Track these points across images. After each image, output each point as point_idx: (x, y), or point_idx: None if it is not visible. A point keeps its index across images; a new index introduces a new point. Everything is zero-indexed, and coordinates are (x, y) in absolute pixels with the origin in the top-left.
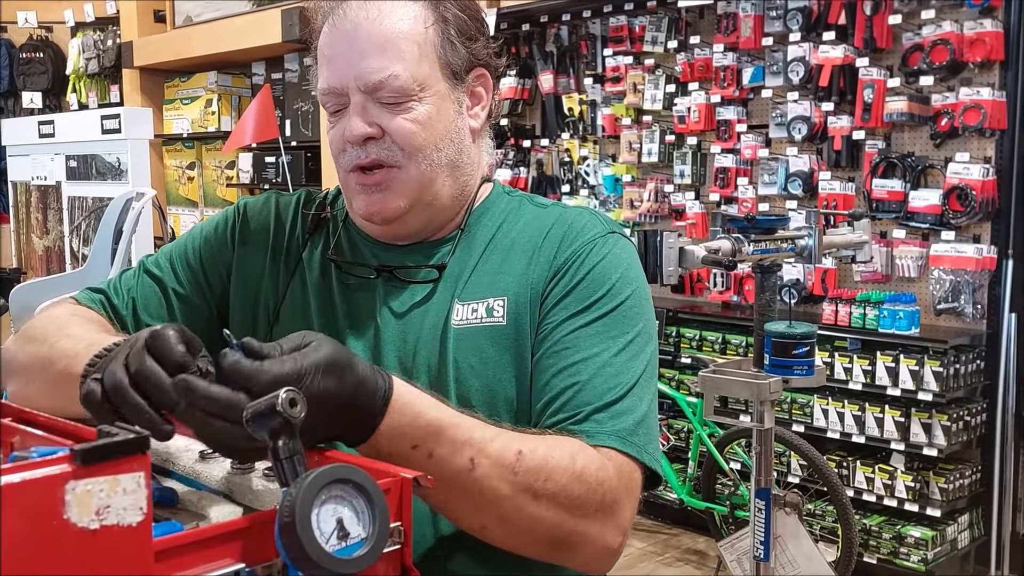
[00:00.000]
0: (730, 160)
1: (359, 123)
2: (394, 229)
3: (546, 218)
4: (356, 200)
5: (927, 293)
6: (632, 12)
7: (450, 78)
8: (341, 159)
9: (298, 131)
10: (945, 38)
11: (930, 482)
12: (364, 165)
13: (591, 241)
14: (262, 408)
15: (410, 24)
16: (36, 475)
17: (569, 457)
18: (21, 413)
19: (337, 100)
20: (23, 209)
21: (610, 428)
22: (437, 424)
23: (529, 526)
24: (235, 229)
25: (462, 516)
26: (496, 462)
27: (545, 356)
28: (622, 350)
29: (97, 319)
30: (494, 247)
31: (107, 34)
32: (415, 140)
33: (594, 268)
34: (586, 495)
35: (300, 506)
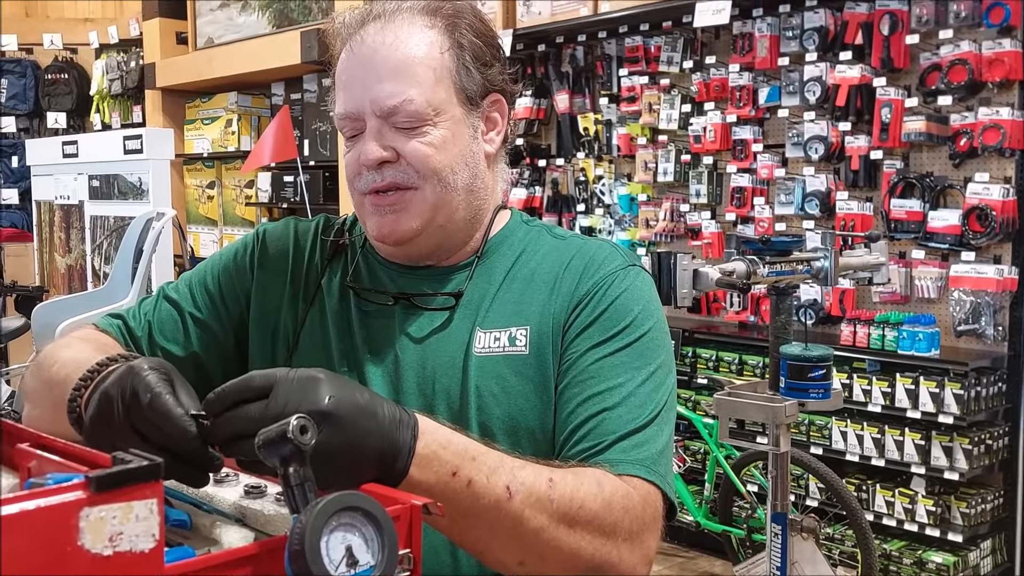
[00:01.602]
0: (746, 180)
1: (374, 147)
2: (406, 250)
3: (566, 249)
4: (370, 221)
5: (947, 314)
6: (648, 33)
7: (465, 103)
8: (357, 183)
9: (316, 151)
10: (963, 58)
11: (952, 507)
12: (380, 188)
13: (613, 273)
14: (273, 435)
15: (426, 50)
16: (51, 502)
17: (597, 485)
18: (38, 438)
19: (353, 125)
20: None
21: (634, 457)
22: (469, 450)
23: (566, 557)
24: (254, 255)
25: (501, 553)
26: (531, 490)
27: (569, 386)
28: (645, 380)
29: (103, 341)
30: (514, 276)
31: (130, 55)
32: (430, 163)
33: (616, 299)
34: (616, 523)
35: (310, 533)
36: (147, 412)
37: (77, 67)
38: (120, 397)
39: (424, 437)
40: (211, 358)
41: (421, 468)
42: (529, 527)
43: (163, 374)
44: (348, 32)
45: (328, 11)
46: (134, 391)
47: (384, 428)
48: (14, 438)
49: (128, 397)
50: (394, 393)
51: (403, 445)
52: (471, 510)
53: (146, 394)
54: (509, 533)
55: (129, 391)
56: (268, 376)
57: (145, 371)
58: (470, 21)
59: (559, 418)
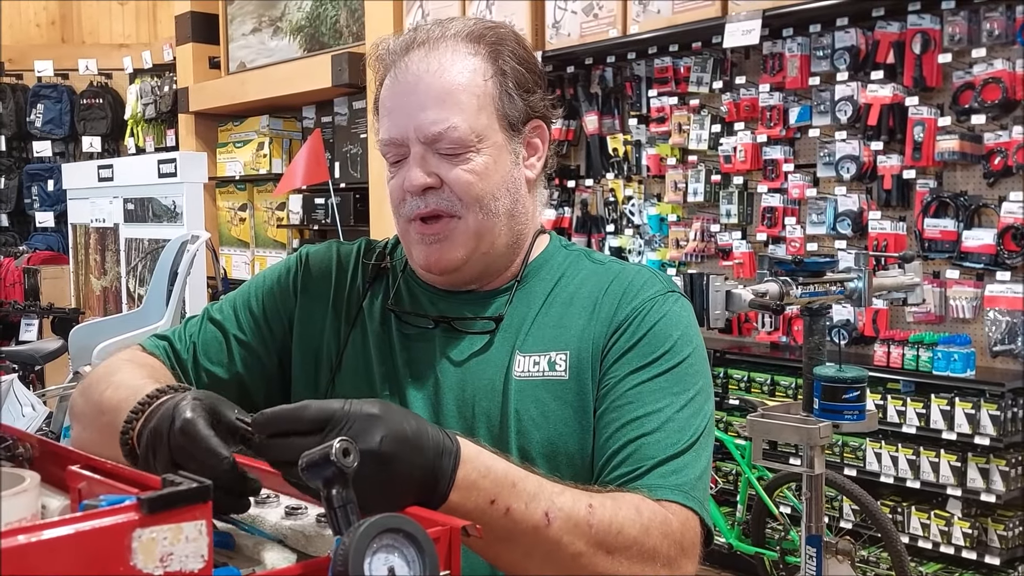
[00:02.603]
0: (777, 199)
1: (419, 173)
2: (451, 278)
3: (605, 274)
4: (416, 250)
5: (982, 334)
6: (677, 53)
7: (507, 129)
8: (401, 209)
9: (347, 173)
10: (997, 76)
11: (988, 529)
12: (424, 215)
13: (652, 299)
14: (316, 458)
15: (469, 76)
16: (105, 523)
17: (635, 510)
18: (88, 460)
19: (397, 151)
20: (82, 250)
21: (672, 482)
22: (508, 476)
23: None
24: (297, 278)
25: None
26: (569, 515)
27: (608, 411)
28: (684, 406)
29: (151, 364)
30: (553, 300)
31: (164, 80)
32: (473, 190)
33: (656, 325)
34: (655, 549)
35: (353, 555)
36: (181, 439)
37: (112, 92)
38: (167, 432)
39: (465, 466)
40: (254, 379)
41: (460, 494)
42: (567, 552)
43: (204, 405)
44: (392, 58)
45: (359, 35)
46: (172, 423)
47: (428, 460)
48: (64, 460)
49: (169, 430)
50: (434, 415)
51: (445, 473)
52: (509, 535)
53: (181, 425)
54: (546, 558)
55: (168, 424)
56: (323, 410)
57: (184, 403)
58: (512, 47)
59: (597, 443)
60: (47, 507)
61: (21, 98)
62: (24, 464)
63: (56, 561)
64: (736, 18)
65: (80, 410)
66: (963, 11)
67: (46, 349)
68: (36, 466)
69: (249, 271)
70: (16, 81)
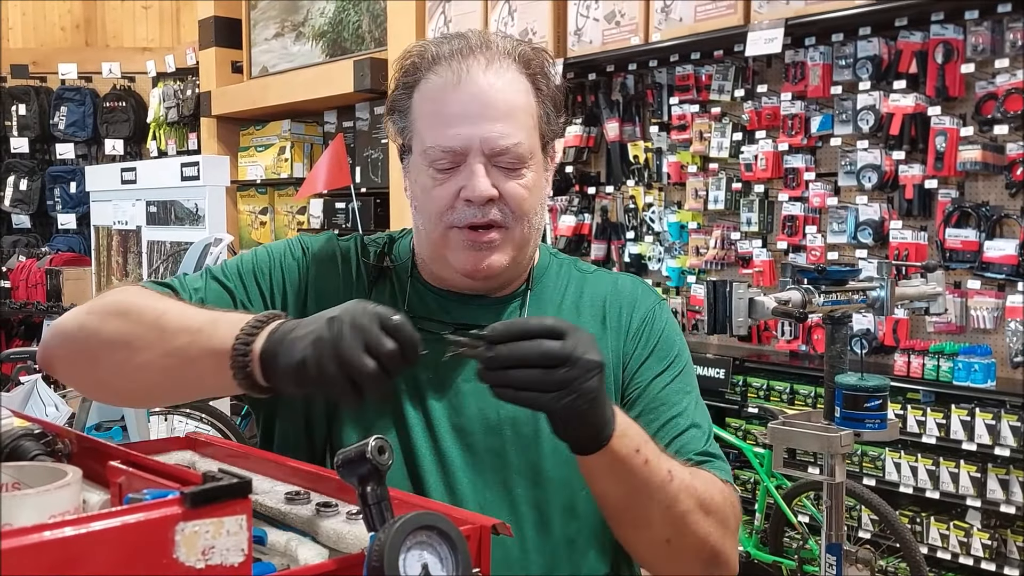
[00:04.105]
0: (798, 208)
1: (487, 184)
2: (481, 284)
3: (599, 284)
4: (460, 255)
5: (1003, 345)
6: (699, 61)
7: (543, 148)
8: (448, 216)
9: (368, 178)
10: (1020, 87)
11: (1008, 540)
12: (479, 224)
13: (652, 307)
14: (352, 455)
15: (525, 96)
16: (151, 516)
17: (714, 482)
18: (128, 455)
19: (452, 158)
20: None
21: (717, 466)
22: (643, 431)
23: (700, 541)
24: (308, 268)
25: (658, 529)
26: (682, 476)
27: (644, 413)
28: (696, 402)
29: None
30: (561, 308)
31: (187, 84)
32: (524, 205)
33: (663, 332)
34: (727, 517)
35: (388, 551)
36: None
37: (134, 95)
38: (338, 335)
39: (618, 414)
40: None
41: (618, 439)
42: (680, 509)
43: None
44: (447, 63)
45: (381, 41)
46: (373, 317)
47: (607, 396)
48: (103, 456)
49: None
50: (456, 417)
51: (611, 415)
52: (645, 486)
53: (391, 316)
54: (665, 512)
55: (359, 321)
56: (558, 321)
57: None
58: (550, 71)
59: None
60: (87, 501)
61: (45, 101)
62: (63, 460)
63: (101, 553)
64: (758, 26)
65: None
66: (986, 21)
67: None
68: (75, 461)
69: None
70: (40, 84)
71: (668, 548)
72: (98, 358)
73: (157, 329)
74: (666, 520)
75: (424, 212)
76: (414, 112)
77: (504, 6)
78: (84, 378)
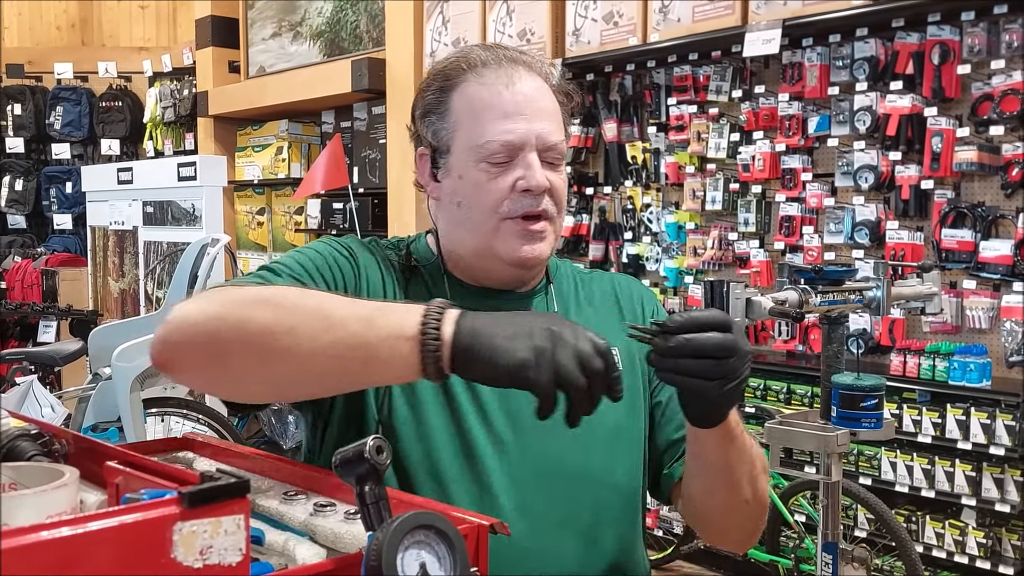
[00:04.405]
0: (795, 208)
1: (543, 176)
2: (522, 275)
3: (601, 281)
4: (511, 243)
5: (999, 345)
6: (696, 62)
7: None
8: (502, 207)
9: (365, 178)
10: (1016, 88)
11: (1003, 539)
12: (534, 214)
13: (654, 301)
14: (350, 455)
15: (556, 103)
16: (148, 516)
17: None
18: (124, 455)
19: (508, 152)
20: (100, 253)
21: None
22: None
23: (764, 499)
24: (356, 265)
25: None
26: (754, 443)
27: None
28: None
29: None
30: (580, 302)
31: (183, 84)
32: (564, 197)
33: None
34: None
35: (386, 550)
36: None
37: (131, 95)
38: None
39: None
40: None
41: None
42: (756, 470)
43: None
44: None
45: (379, 41)
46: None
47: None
48: (99, 456)
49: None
50: (506, 403)
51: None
52: (740, 451)
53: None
54: (749, 474)
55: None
56: (724, 315)
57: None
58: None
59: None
60: (84, 501)
61: (40, 100)
62: (60, 460)
63: (99, 553)
64: (756, 27)
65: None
66: (982, 22)
67: (66, 351)
68: (72, 462)
69: None
70: (36, 83)
71: (747, 508)
72: (247, 350)
73: (322, 317)
74: (748, 481)
75: (475, 205)
76: (457, 113)
77: (502, 6)
78: (220, 374)
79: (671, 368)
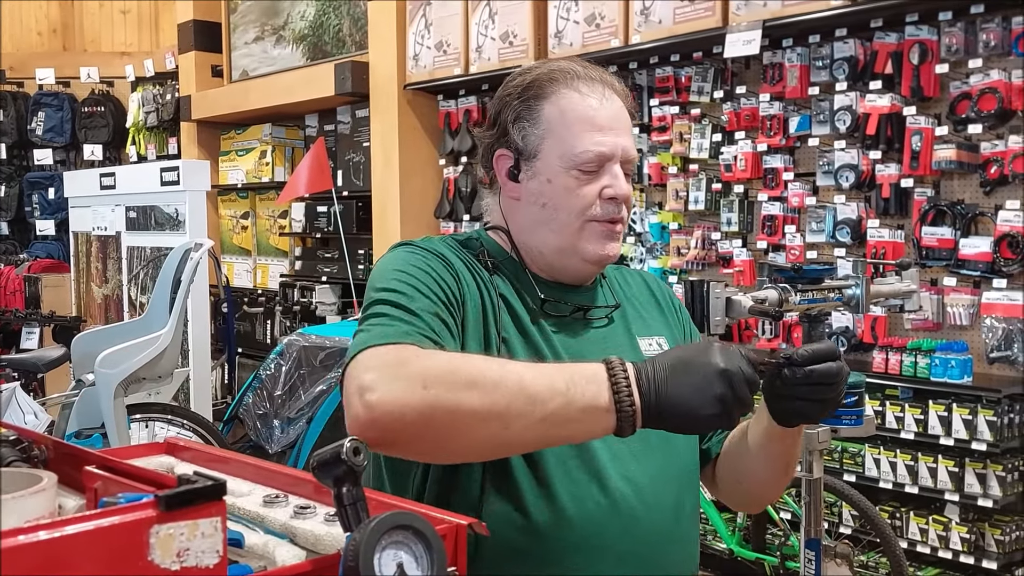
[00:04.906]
0: (777, 208)
1: (629, 186)
2: (595, 271)
3: (628, 274)
4: (595, 244)
5: (979, 341)
6: (678, 63)
7: None
8: (589, 211)
9: (349, 181)
10: (993, 86)
11: (986, 534)
12: (616, 219)
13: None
14: (328, 456)
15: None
16: (125, 519)
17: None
18: (103, 460)
19: (599, 162)
20: (83, 259)
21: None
22: None
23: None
24: (456, 272)
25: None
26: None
27: None
28: None
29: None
30: (629, 296)
31: (166, 88)
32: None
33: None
34: None
35: (364, 550)
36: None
37: (113, 100)
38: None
39: None
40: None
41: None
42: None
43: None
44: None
45: (362, 44)
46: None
47: None
48: (79, 461)
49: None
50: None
51: None
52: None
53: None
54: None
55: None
56: (835, 346)
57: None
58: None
59: None
60: (63, 507)
61: (22, 106)
62: (39, 465)
63: (77, 556)
64: (736, 28)
65: (483, 405)
66: (960, 22)
67: (49, 357)
68: (51, 467)
69: (251, 279)
70: (17, 89)
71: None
72: (461, 432)
73: (524, 396)
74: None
75: (564, 208)
76: (551, 120)
77: (485, 9)
78: (434, 450)
79: (795, 395)
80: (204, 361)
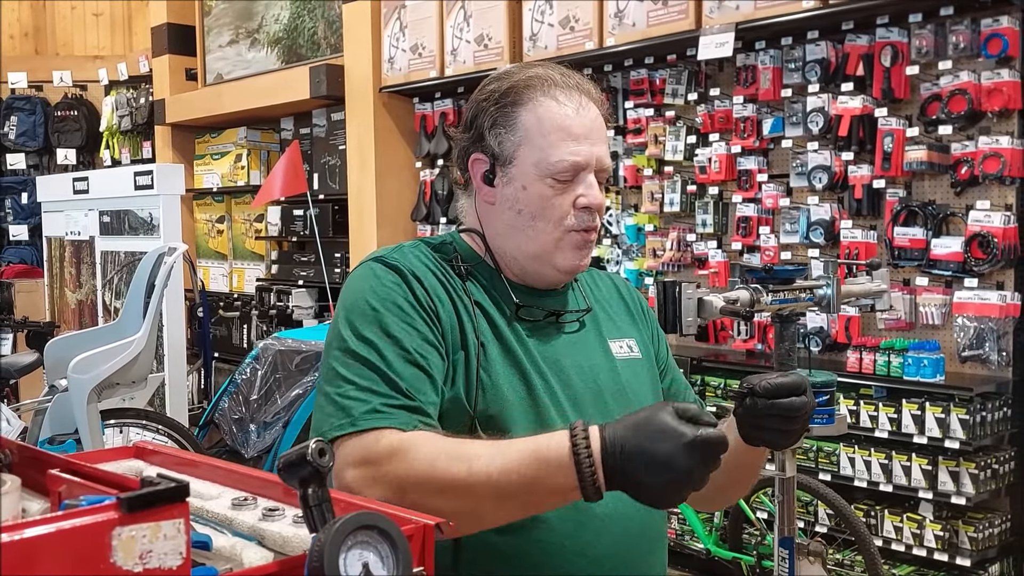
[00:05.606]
0: (751, 209)
1: (603, 194)
2: (567, 279)
3: (602, 278)
4: (570, 254)
5: (951, 340)
6: (652, 66)
7: None
8: (566, 220)
9: (325, 184)
10: (963, 88)
11: (959, 531)
12: (591, 227)
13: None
14: (293, 458)
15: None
16: (86, 521)
17: None
18: (68, 463)
19: (574, 171)
20: (56, 264)
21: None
22: None
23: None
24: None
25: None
26: None
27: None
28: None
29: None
30: (599, 300)
31: (140, 92)
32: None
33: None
34: None
35: (328, 551)
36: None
37: (87, 104)
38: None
39: None
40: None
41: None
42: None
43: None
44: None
45: (337, 47)
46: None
47: None
48: (43, 464)
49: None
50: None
51: None
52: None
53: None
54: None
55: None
56: (802, 378)
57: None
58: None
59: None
60: (27, 510)
61: None
62: (3, 469)
63: (38, 559)
64: (710, 31)
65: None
66: (930, 24)
67: (21, 363)
68: (15, 471)
69: (227, 283)
70: None
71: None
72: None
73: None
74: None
75: (540, 216)
76: (528, 127)
77: (460, 11)
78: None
79: (758, 425)
80: (180, 366)
